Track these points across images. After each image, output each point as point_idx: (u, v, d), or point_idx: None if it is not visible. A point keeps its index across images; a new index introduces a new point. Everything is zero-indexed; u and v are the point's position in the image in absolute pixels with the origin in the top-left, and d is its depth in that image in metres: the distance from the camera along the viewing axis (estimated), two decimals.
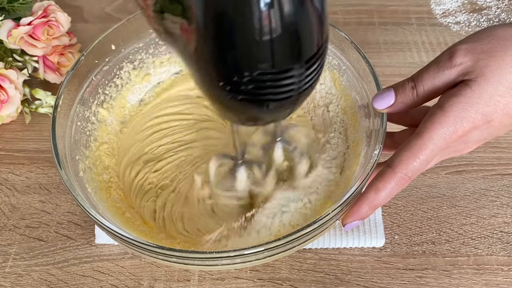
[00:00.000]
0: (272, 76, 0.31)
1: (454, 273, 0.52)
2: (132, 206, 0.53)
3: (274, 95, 0.32)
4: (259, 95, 0.32)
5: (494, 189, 0.57)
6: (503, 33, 0.40)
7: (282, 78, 0.31)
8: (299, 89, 0.33)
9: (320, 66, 0.34)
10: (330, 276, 0.52)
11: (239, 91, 0.32)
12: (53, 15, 0.64)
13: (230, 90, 0.32)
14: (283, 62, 0.31)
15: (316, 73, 0.33)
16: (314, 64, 0.33)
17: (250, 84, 0.31)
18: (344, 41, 0.53)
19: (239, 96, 0.32)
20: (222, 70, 0.31)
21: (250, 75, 0.31)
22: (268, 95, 0.32)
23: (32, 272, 0.52)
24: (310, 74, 0.33)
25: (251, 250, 0.40)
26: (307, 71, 0.32)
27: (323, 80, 0.57)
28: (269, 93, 0.32)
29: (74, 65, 0.51)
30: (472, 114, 0.39)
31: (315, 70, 0.33)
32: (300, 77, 0.32)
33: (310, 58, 0.32)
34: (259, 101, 0.33)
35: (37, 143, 0.63)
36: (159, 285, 0.51)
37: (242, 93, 0.32)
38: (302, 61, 0.31)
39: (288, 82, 0.32)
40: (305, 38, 0.31)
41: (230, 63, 0.31)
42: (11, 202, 0.58)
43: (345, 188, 0.48)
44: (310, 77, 0.33)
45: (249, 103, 0.33)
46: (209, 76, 0.32)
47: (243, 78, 0.31)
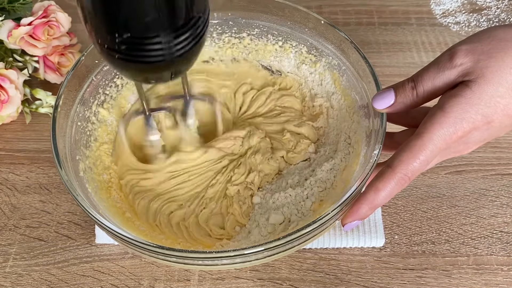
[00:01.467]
0: (140, 40, 0.35)
1: (454, 273, 0.52)
2: (132, 206, 0.53)
3: (145, 57, 0.36)
4: (132, 56, 0.36)
5: (494, 189, 0.58)
6: (504, 34, 0.40)
7: (150, 43, 0.35)
8: (171, 55, 0.36)
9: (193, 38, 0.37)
10: (330, 276, 0.52)
11: (114, 50, 0.35)
12: (53, 15, 0.64)
13: (107, 48, 0.36)
14: (149, 30, 0.34)
15: (188, 42, 0.37)
16: (183, 34, 0.36)
17: (122, 45, 0.35)
18: (344, 41, 0.53)
19: (116, 54, 0.36)
20: (99, 29, 0.35)
21: (120, 36, 0.34)
22: (140, 57, 0.36)
23: (33, 272, 0.53)
24: (181, 43, 0.36)
25: (251, 250, 0.40)
26: (176, 40, 0.36)
27: (323, 80, 0.57)
28: (140, 55, 0.36)
29: (75, 65, 0.51)
30: (472, 115, 0.39)
31: (186, 39, 0.36)
32: (168, 44, 0.35)
33: (177, 28, 0.35)
34: (133, 61, 0.36)
35: (37, 143, 0.63)
36: (159, 285, 0.51)
37: (117, 52, 0.36)
38: (168, 29, 0.35)
39: (156, 48, 0.35)
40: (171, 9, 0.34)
41: (105, 23, 0.34)
42: (11, 202, 0.58)
43: (344, 188, 0.49)
44: (181, 45, 0.36)
45: (125, 62, 0.36)
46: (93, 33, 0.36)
47: (115, 39, 0.34)
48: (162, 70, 0.38)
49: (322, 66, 0.57)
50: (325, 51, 0.56)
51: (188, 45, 0.37)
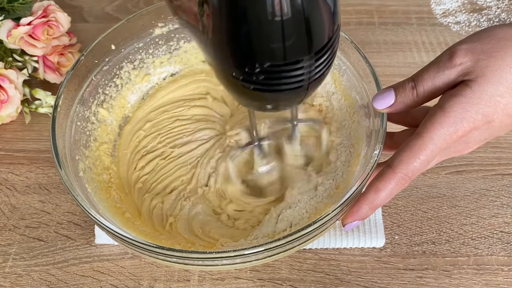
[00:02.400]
0: (282, 67, 0.32)
1: (454, 273, 0.51)
2: (134, 206, 0.53)
3: (284, 85, 0.34)
4: (270, 85, 0.34)
5: (494, 189, 0.57)
6: (503, 34, 0.40)
7: (292, 69, 0.33)
8: (310, 79, 0.34)
9: (331, 57, 0.35)
10: (330, 276, 0.52)
11: (251, 81, 0.33)
12: (53, 15, 0.64)
13: (242, 80, 0.33)
14: (292, 55, 0.32)
15: (326, 63, 0.35)
16: (324, 55, 0.34)
17: (261, 75, 0.33)
18: (344, 41, 0.53)
19: (251, 85, 0.33)
20: (235, 61, 0.33)
21: (260, 66, 0.32)
22: (279, 85, 0.34)
23: (32, 272, 0.52)
24: (320, 65, 0.34)
25: (251, 250, 0.40)
26: (317, 62, 0.33)
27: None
28: (279, 83, 0.34)
29: (74, 65, 0.51)
30: (473, 114, 0.39)
31: (325, 60, 0.34)
32: (310, 68, 0.33)
33: (319, 50, 0.33)
34: (270, 91, 0.34)
35: (37, 143, 0.63)
36: (159, 285, 0.51)
37: (254, 83, 0.34)
38: (312, 53, 0.33)
39: (298, 73, 0.33)
40: (314, 32, 0.32)
41: (242, 55, 0.32)
42: (11, 202, 0.58)
43: (345, 188, 0.48)
44: (320, 67, 0.34)
45: (260, 92, 0.34)
46: (224, 66, 0.34)
47: (254, 69, 0.32)
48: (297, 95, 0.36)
49: None
50: None
51: (326, 65, 0.35)
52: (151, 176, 0.54)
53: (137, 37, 0.58)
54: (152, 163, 0.55)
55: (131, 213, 0.51)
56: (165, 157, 0.56)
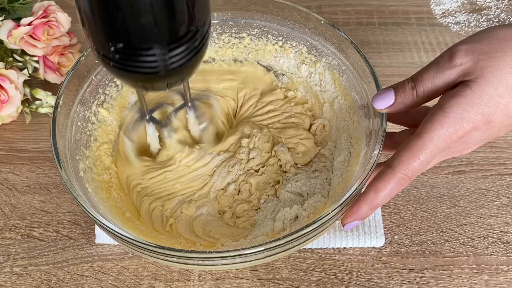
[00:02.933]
0: (134, 51, 0.35)
1: (454, 273, 0.52)
2: (134, 206, 0.53)
3: (139, 68, 0.36)
4: (126, 65, 0.36)
5: (494, 189, 0.58)
6: (503, 34, 0.40)
7: (144, 54, 0.35)
8: (166, 67, 0.36)
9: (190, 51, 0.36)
10: (330, 276, 0.52)
11: (109, 58, 0.35)
12: (53, 15, 0.64)
13: (102, 55, 0.36)
14: (142, 41, 0.34)
15: (184, 56, 0.36)
16: (179, 47, 0.35)
17: (117, 54, 0.35)
18: (344, 41, 0.53)
19: (111, 62, 0.36)
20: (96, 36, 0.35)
21: (114, 46, 0.34)
22: (134, 67, 0.36)
23: (32, 272, 0.53)
24: (176, 56, 0.36)
25: (251, 250, 0.40)
26: (171, 53, 0.35)
27: (323, 80, 0.57)
28: (134, 65, 0.36)
29: (75, 65, 0.51)
30: (472, 115, 0.39)
31: (182, 53, 0.36)
32: (163, 57, 0.35)
33: (172, 41, 0.35)
34: (126, 70, 0.36)
35: (37, 143, 0.63)
36: (159, 285, 0.51)
37: (112, 60, 0.36)
38: (162, 43, 0.34)
39: (150, 59, 0.35)
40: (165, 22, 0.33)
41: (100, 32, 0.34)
42: (11, 202, 0.58)
43: (344, 188, 0.49)
44: (176, 58, 0.36)
45: (119, 70, 0.36)
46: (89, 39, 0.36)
47: (110, 47, 0.34)
48: (156, 80, 0.38)
49: (322, 66, 0.57)
50: (325, 51, 0.56)
51: (184, 58, 0.36)
52: (154, 184, 0.54)
53: None
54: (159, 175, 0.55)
55: (132, 213, 0.51)
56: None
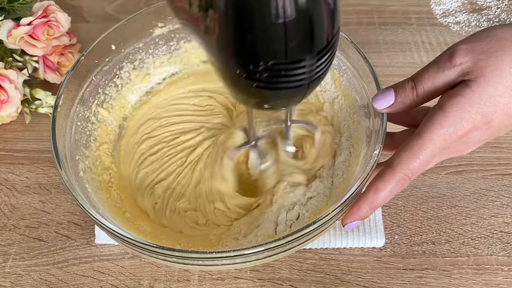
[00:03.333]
0: (285, 66, 0.33)
1: (454, 273, 0.52)
2: (135, 204, 0.53)
3: (286, 83, 0.35)
4: (273, 83, 0.35)
5: (494, 189, 0.57)
6: (503, 34, 0.40)
7: (294, 68, 0.34)
8: (310, 78, 0.35)
9: (331, 57, 0.36)
10: (330, 276, 0.52)
11: (254, 79, 0.34)
12: (53, 15, 0.64)
13: (246, 77, 0.34)
14: (295, 53, 0.33)
15: (327, 63, 0.36)
16: (325, 55, 0.35)
17: (265, 73, 0.33)
18: (344, 41, 0.53)
19: (254, 83, 0.34)
20: (239, 59, 0.33)
21: (264, 64, 0.33)
22: (281, 83, 0.35)
23: (32, 272, 0.52)
24: (321, 64, 0.35)
25: (251, 250, 0.40)
26: (318, 62, 0.34)
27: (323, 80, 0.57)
28: (282, 81, 0.35)
29: (74, 65, 0.51)
30: (472, 114, 0.39)
31: (326, 60, 0.35)
32: (311, 67, 0.34)
33: (320, 50, 0.34)
34: (272, 88, 0.35)
35: (37, 143, 0.63)
36: (159, 285, 0.51)
37: (257, 80, 0.34)
38: (314, 52, 0.34)
39: (299, 72, 0.34)
40: (317, 31, 0.33)
41: (247, 52, 0.33)
42: (11, 202, 0.58)
43: (345, 188, 0.49)
44: (321, 67, 0.35)
45: (263, 90, 0.35)
46: (227, 64, 0.34)
47: (258, 67, 0.33)
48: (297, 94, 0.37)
49: None
50: None
51: (327, 65, 0.36)
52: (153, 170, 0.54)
53: (137, 37, 0.58)
54: (154, 162, 0.55)
55: (131, 213, 0.51)
56: (166, 154, 0.56)
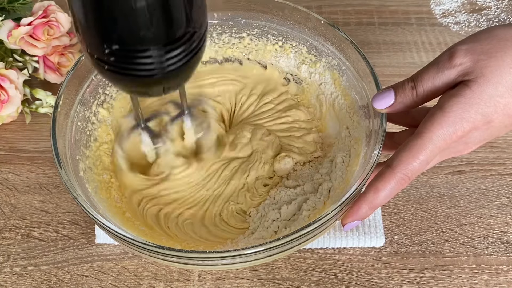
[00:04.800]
0: (129, 53, 0.34)
1: (454, 273, 0.52)
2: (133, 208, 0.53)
3: (135, 70, 0.35)
4: (120, 68, 0.35)
5: (494, 189, 0.58)
6: (503, 34, 0.40)
7: (140, 56, 0.34)
8: (163, 70, 0.35)
9: (187, 53, 0.35)
10: (330, 276, 0.52)
11: (103, 61, 0.34)
12: (53, 15, 0.64)
13: (96, 58, 0.34)
14: (138, 42, 0.33)
15: (181, 58, 0.35)
16: (176, 49, 0.34)
17: (111, 57, 0.34)
18: (344, 41, 0.53)
19: (105, 65, 0.34)
20: (89, 39, 0.34)
21: (109, 47, 0.33)
22: (130, 70, 0.35)
23: (32, 272, 0.53)
24: (173, 58, 0.35)
25: (251, 250, 0.40)
26: (168, 55, 0.34)
27: (323, 80, 0.57)
28: (129, 68, 0.34)
29: (75, 65, 0.51)
30: (472, 114, 0.39)
31: (179, 55, 0.35)
32: (160, 59, 0.34)
33: (168, 43, 0.34)
34: (121, 73, 0.35)
35: (37, 143, 0.63)
36: (159, 284, 0.51)
37: (106, 63, 0.34)
38: (159, 44, 0.33)
39: (146, 61, 0.34)
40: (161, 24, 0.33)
41: (94, 34, 0.33)
42: (11, 202, 0.58)
43: (344, 188, 0.49)
44: (173, 60, 0.35)
45: (114, 74, 0.35)
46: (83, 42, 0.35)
47: (104, 50, 0.33)
48: (153, 84, 0.37)
49: (322, 66, 0.57)
50: (325, 51, 0.56)
51: (181, 61, 0.35)
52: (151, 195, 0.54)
53: None
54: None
55: (131, 213, 0.51)
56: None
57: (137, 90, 0.40)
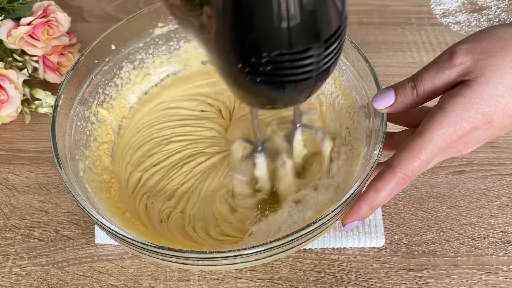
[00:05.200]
0: (290, 56, 0.31)
1: (454, 273, 0.52)
2: (131, 208, 0.53)
3: (292, 76, 0.32)
4: (278, 76, 0.32)
5: (494, 189, 0.57)
6: (503, 33, 0.40)
7: (300, 58, 0.31)
8: (318, 70, 0.33)
9: (339, 47, 0.33)
10: (330, 276, 0.52)
11: (257, 73, 0.32)
12: (53, 15, 0.64)
13: (248, 72, 0.32)
14: (301, 43, 0.31)
15: (335, 53, 0.33)
16: (333, 44, 0.32)
17: (268, 65, 0.31)
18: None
19: (258, 77, 0.32)
20: (240, 51, 0.31)
21: (268, 56, 0.31)
22: (287, 76, 0.32)
23: (32, 272, 0.52)
24: (329, 55, 0.33)
25: (251, 250, 0.40)
26: (326, 51, 0.32)
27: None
28: (287, 74, 0.32)
29: (74, 65, 0.51)
30: (473, 114, 0.39)
31: (334, 50, 0.33)
32: (318, 58, 0.32)
33: (328, 38, 0.32)
34: (277, 82, 0.32)
35: (37, 143, 0.63)
36: (159, 285, 0.51)
37: (261, 74, 0.32)
38: (321, 41, 0.31)
39: (306, 63, 0.32)
40: (323, 18, 0.30)
41: (248, 44, 0.31)
42: (11, 202, 0.58)
43: (345, 188, 0.49)
44: (329, 57, 0.33)
45: (267, 85, 0.33)
46: (228, 58, 0.32)
47: (261, 59, 0.31)
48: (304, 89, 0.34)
49: None
50: None
51: (336, 55, 0.33)
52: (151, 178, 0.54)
53: (137, 37, 0.58)
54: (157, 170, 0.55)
55: (131, 213, 0.51)
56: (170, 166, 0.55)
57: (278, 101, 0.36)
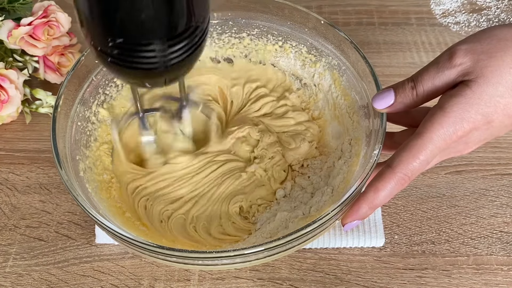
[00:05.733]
0: (132, 46, 0.34)
1: (454, 273, 0.52)
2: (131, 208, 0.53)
3: (138, 64, 0.35)
4: (124, 61, 0.35)
5: (494, 189, 0.58)
6: (503, 34, 0.40)
7: (142, 50, 0.34)
8: (165, 63, 0.35)
9: (190, 47, 0.36)
10: (330, 276, 0.52)
11: (107, 54, 0.35)
12: (53, 15, 0.64)
13: (100, 50, 0.35)
14: (142, 36, 0.34)
15: (183, 52, 0.36)
16: (179, 43, 0.35)
17: (115, 49, 0.34)
18: (344, 41, 0.53)
19: (108, 58, 0.35)
20: (93, 30, 0.34)
21: (112, 40, 0.34)
22: (132, 63, 0.35)
23: (33, 272, 0.53)
24: (175, 52, 0.35)
25: (251, 250, 0.40)
26: (170, 49, 0.35)
27: (323, 80, 0.57)
28: (132, 61, 0.35)
29: (75, 65, 0.51)
30: (472, 114, 0.39)
31: (182, 49, 0.35)
32: (163, 53, 0.35)
33: (173, 37, 0.34)
34: (125, 66, 0.36)
35: (37, 143, 0.63)
36: (159, 284, 0.51)
37: (110, 56, 0.35)
38: (162, 38, 0.34)
39: (150, 55, 0.35)
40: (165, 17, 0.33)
41: (99, 26, 0.34)
42: (11, 202, 0.58)
43: (344, 188, 0.49)
44: (175, 54, 0.35)
45: (118, 66, 0.36)
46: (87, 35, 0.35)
47: (108, 42, 0.34)
48: (155, 76, 0.38)
49: (322, 66, 0.57)
50: (325, 51, 0.56)
51: (184, 54, 0.36)
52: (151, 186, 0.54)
53: None
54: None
55: (132, 213, 0.51)
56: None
57: (138, 82, 0.40)
